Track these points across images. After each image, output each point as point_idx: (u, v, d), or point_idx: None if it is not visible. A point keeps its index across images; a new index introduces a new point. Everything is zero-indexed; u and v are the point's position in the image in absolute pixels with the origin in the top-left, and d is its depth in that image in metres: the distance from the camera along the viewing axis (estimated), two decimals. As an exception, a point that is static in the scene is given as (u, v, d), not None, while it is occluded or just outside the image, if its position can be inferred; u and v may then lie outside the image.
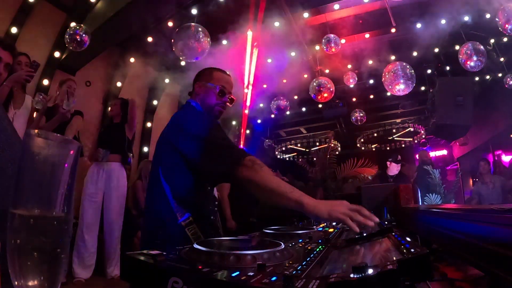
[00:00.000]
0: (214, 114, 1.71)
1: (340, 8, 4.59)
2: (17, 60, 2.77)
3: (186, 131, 1.49)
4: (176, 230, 1.44)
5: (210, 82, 1.69)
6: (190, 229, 1.45)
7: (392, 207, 2.23)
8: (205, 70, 1.76)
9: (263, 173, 1.28)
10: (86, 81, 4.42)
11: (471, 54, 3.78)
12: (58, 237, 0.44)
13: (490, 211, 0.75)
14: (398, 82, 4.04)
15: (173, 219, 1.46)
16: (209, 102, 1.68)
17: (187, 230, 1.45)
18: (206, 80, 1.70)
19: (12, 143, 0.70)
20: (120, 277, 0.65)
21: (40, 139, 0.45)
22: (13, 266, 0.41)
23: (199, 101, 1.70)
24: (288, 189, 1.20)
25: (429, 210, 1.32)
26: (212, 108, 1.69)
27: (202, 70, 1.78)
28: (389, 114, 7.94)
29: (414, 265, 0.52)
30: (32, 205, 0.43)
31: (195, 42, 3.44)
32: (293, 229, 1.26)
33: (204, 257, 0.65)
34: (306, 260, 0.67)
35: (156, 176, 1.55)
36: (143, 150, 5.50)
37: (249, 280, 0.51)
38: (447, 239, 1.00)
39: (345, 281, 0.46)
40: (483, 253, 0.73)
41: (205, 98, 1.69)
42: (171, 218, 1.46)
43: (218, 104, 1.70)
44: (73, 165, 0.47)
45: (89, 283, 3.09)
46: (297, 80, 5.64)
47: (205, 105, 1.68)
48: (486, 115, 6.62)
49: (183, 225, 1.45)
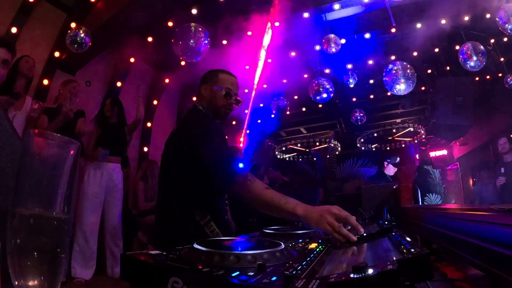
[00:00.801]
0: (220, 116, 1.73)
1: (340, 8, 4.59)
2: (24, 59, 2.79)
3: (193, 142, 1.52)
4: (195, 230, 1.46)
5: (216, 85, 1.71)
6: (209, 227, 1.48)
7: (392, 207, 2.23)
8: (211, 72, 1.78)
9: (254, 188, 1.33)
10: (86, 81, 4.42)
11: (471, 54, 3.78)
12: (58, 237, 0.44)
13: (490, 211, 0.75)
14: (398, 82, 4.04)
15: (191, 219, 1.48)
16: (215, 104, 1.71)
17: (206, 229, 1.47)
18: (212, 83, 1.72)
19: (12, 143, 0.70)
20: (120, 277, 0.65)
21: (40, 139, 0.45)
22: (13, 266, 0.41)
23: (205, 103, 1.71)
24: (281, 200, 1.24)
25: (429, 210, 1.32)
26: (218, 110, 1.71)
27: (207, 73, 1.79)
28: (389, 114, 7.94)
29: (414, 265, 0.52)
30: (32, 205, 0.43)
31: (195, 42, 3.44)
32: (293, 229, 1.26)
33: (204, 257, 0.65)
34: (306, 260, 0.67)
35: (170, 178, 1.57)
36: (143, 150, 5.50)
37: (249, 280, 0.51)
38: (447, 239, 1.00)
39: (345, 281, 0.46)
40: (483, 253, 0.73)
41: (212, 101, 1.71)
42: (189, 218, 1.48)
43: (225, 106, 1.72)
44: (73, 165, 0.47)
45: (89, 283, 3.09)
46: (297, 80, 5.65)
47: (212, 107, 1.71)
48: (486, 115, 6.62)
49: (202, 224, 1.47)
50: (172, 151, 1.63)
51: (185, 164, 1.53)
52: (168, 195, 1.60)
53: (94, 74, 4.64)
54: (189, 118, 1.74)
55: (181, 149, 1.56)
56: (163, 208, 1.63)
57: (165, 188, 1.64)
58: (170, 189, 1.58)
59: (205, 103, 1.71)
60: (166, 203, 1.60)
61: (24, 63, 2.81)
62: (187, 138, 1.55)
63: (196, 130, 1.56)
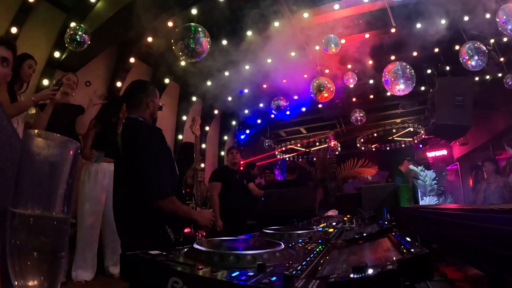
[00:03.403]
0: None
1: (340, 8, 4.59)
2: (28, 62, 2.76)
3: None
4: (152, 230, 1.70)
5: (156, 98, 2.02)
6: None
7: (392, 207, 2.23)
8: (150, 86, 2.04)
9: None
10: (86, 81, 4.42)
11: (471, 54, 3.77)
12: (58, 237, 0.44)
13: (490, 211, 0.75)
14: (398, 82, 4.03)
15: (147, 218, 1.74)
16: (155, 116, 2.02)
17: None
18: (153, 96, 2.00)
19: (11, 143, 0.70)
20: (120, 277, 0.65)
21: (40, 139, 0.45)
22: (13, 266, 0.41)
23: (148, 115, 1.96)
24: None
25: (429, 210, 1.32)
26: (155, 120, 2.03)
27: (147, 85, 2.05)
28: (389, 114, 7.94)
29: (414, 265, 0.52)
30: (32, 205, 0.43)
31: (195, 42, 3.43)
32: (293, 229, 1.26)
33: (204, 257, 0.65)
34: (306, 260, 0.67)
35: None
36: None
37: (249, 280, 0.50)
38: (447, 239, 1.00)
39: (345, 281, 0.46)
40: (483, 253, 0.73)
41: (154, 113, 2.00)
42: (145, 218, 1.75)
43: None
44: (73, 165, 0.47)
45: (89, 283, 3.09)
46: (297, 80, 5.64)
47: (153, 118, 2.01)
48: (486, 115, 6.62)
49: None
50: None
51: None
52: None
53: (94, 74, 4.64)
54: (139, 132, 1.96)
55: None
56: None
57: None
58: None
59: (148, 115, 1.96)
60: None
61: (26, 67, 2.76)
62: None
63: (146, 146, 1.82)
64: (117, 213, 1.76)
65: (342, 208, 3.74)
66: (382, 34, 5.04)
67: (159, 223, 1.65)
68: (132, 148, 1.70)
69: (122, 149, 1.78)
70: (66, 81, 3.13)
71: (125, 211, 1.73)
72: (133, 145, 1.71)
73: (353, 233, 1.14)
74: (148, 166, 1.63)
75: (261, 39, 4.59)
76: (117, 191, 1.80)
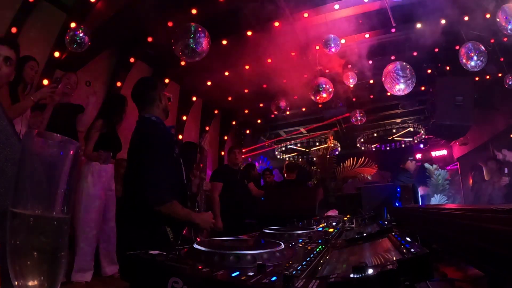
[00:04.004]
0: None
1: (340, 8, 4.58)
2: (30, 64, 2.75)
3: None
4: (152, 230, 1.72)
5: (164, 91, 1.99)
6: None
7: (392, 207, 2.23)
8: (157, 81, 2.06)
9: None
10: (86, 81, 4.42)
11: (471, 54, 3.77)
12: (58, 237, 0.44)
13: (490, 211, 0.75)
14: (398, 82, 4.03)
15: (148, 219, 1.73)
16: (167, 109, 1.99)
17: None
18: (163, 90, 1.98)
19: (11, 143, 0.70)
20: (120, 277, 0.65)
21: (40, 139, 0.45)
22: (13, 266, 0.41)
23: (161, 111, 1.93)
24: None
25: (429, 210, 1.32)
26: (168, 114, 2.00)
27: (155, 81, 2.03)
28: (389, 114, 7.93)
29: (414, 265, 0.52)
30: (32, 205, 0.43)
31: (195, 42, 3.42)
32: (293, 229, 1.26)
33: (204, 257, 0.65)
34: (306, 260, 0.67)
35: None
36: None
37: (249, 280, 0.50)
38: (447, 239, 1.00)
39: (345, 281, 0.46)
40: (483, 253, 0.73)
41: (166, 106, 1.97)
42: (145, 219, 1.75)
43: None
44: (73, 165, 0.47)
45: (88, 283, 3.09)
46: (297, 80, 5.64)
47: (166, 112, 1.98)
48: (486, 115, 6.62)
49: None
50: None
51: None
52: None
53: (94, 74, 4.64)
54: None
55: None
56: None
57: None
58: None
59: (162, 110, 1.94)
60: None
61: (28, 69, 2.73)
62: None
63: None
64: (120, 212, 1.78)
65: (342, 208, 3.75)
66: (382, 34, 5.04)
67: (159, 223, 1.66)
68: (139, 150, 1.70)
69: (132, 149, 1.77)
70: (66, 80, 3.12)
71: (127, 210, 1.73)
72: (140, 147, 1.70)
73: (353, 233, 1.14)
74: (151, 171, 1.62)
75: (261, 39, 4.59)
76: (125, 190, 1.82)
